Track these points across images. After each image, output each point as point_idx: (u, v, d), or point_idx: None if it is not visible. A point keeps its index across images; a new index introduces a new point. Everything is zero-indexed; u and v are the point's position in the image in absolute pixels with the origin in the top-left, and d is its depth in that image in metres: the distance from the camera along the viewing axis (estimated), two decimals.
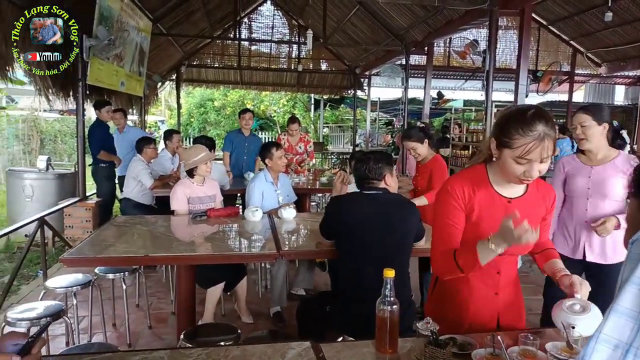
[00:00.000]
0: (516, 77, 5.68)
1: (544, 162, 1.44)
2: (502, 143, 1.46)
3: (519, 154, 1.42)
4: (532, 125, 1.40)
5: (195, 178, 3.64)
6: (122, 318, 3.62)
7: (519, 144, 1.41)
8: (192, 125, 21.19)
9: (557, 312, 1.42)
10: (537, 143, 1.40)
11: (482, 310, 1.64)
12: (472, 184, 1.58)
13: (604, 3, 7.63)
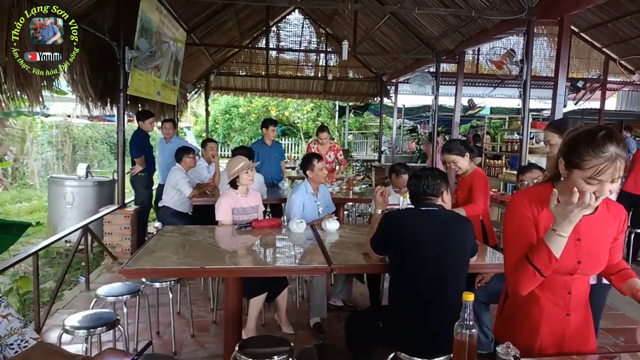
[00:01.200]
0: (554, 87, 5.61)
1: (615, 182, 1.43)
2: (572, 164, 1.46)
3: (590, 175, 1.42)
4: (603, 147, 1.40)
5: (239, 189, 3.69)
6: (165, 325, 3.69)
7: (590, 165, 1.41)
8: (217, 131, 21.46)
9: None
10: (609, 164, 1.39)
11: (553, 331, 1.63)
12: (539, 201, 1.58)
13: (639, 10, 7.49)
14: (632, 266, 5.40)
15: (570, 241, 1.54)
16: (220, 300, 4.04)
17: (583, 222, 1.55)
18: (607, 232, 1.63)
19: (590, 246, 1.58)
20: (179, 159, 5.05)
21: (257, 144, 6.07)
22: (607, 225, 1.62)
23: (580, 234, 1.56)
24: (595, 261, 1.61)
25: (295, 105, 20.11)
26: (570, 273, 1.59)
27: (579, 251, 1.56)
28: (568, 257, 1.55)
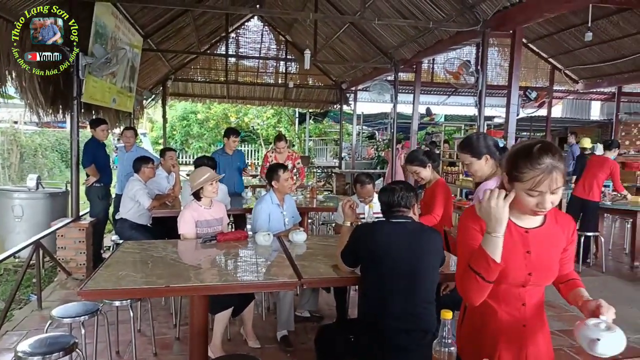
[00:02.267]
0: (508, 96, 5.84)
1: (555, 193, 1.50)
2: (513, 177, 1.53)
3: (529, 187, 1.48)
4: (539, 159, 1.47)
5: (203, 200, 3.61)
6: (125, 345, 3.55)
7: (528, 177, 1.48)
8: (174, 138, 20.99)
9: (581, 329, 1.42)
10: (546, 175, 1.46)
11: (511, 343, 1.65)
12: None
13: (583, 23, 7.93)
14: (582, 268, 5.67)
15: (519, 254, 1.60)
16: (183, 316, 3.93)
17: (532, 235, 1.62)
18: (556, 244, 1.67)
19: (541, 258, 1.62)
20: (137, 170, 4.88)
21: (218, 153, 5.96)
22: (556, 236, 1.67)
23: (529, 247, 1.61)
24: (546, 272, 1.65)
25: (255, 111, 19.97)
26: (522, 285, 1.62)
27: (529, 263, 1.60)
28: (519, 269, 1.60)
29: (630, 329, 4.07)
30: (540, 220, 1.65)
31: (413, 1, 6.86)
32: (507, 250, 1.58)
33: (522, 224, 1.63)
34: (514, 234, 1.61)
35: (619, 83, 10.60)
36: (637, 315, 4.39)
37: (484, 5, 5.90)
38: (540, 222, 1.65)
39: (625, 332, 1.40)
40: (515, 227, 1.62)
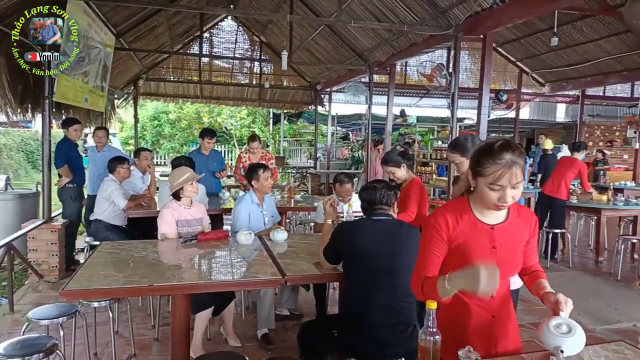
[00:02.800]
0: (479, 98, 6.01)
1: (516, 187, 1.59)
2: (476, 173, 1.63)
3: (491, 181, 1.58)
4: (500, 155, 1.57)
5: (183, 200, 3.60)
6: (102, 346, 3.51)
7: (490, 171, 1.58)
8: (145, 138, 20.62)
9: (543, 332, 1.51)
10: (506, 170, 1.56)
11: (482, 334, 1.72)
12: (456, 214, 1.71)
13: (549, 28, 8.23)
14: (550, 264, 5.87)
15: (486, 250, 1.68)
16: (162, 316, 3.90)
17: (497, 230, 1.70)
18: (520, 237, 1.76)
19: (506, 252, 1.70)
20: (112, 170, 4.81)
21: (194, 153, 5.93)
22: (519, 230, 1.75)
23: (495, 242, 1.69)
24: (512, 265, 1.75)
25: (229, 112, 19.83)
26: None
27: (495, 258, 1.68)
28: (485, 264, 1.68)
29: (596, 320, 4.29)
30: (504, 215, 1.73)
31: (388, 5, 6.99)
32: (474, 247, 1.68)
33: (487, 221, 1.71)
34: (479, 231, 1.69)
35: (582, 86, 11.03)
36: (602, 307, 4.61)
37: (456, 10, 6.07)
38: (504, 217, 1.73)
39: (592, 323, 1.51)
40: (481, 224, 1.70)
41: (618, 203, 6.33)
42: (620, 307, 4.63)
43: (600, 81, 10.47)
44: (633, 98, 11.67)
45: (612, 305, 4.70)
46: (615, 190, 7.32)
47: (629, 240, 6.10)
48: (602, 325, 4.16)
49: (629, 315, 4.41)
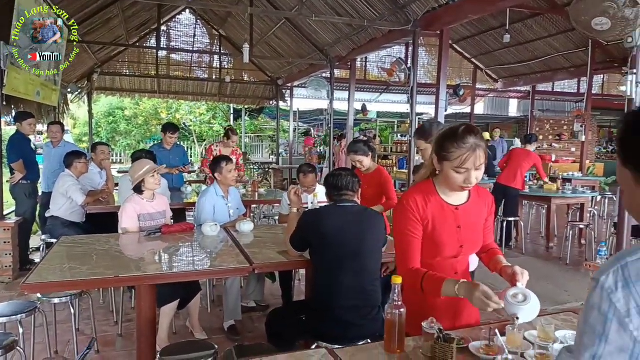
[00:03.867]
0: (437, 93, 6.20)
1: (479, 169, 1.69)
2: (442, 157, 1.71)
3: (457, 165, 1.66)
4: (464, 139, 1.65)
5: (145, 194, 3.54)
6: (63, 344, 3.42)
7: (455, 155, 1.66)
8: (99, 135, 19.91)
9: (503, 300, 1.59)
10: (471, 153, 1.65)
11: (447, 309, 1.81)
12: (424, 195, 1.79)
13: (502, 25, 8.57)
14: (505, 251, 6.12)
15: (452, 230, 1.77)
16: (125, 312, 3.84)
17: (461, 211, 1.80)
18: (480, 216, 1.87)
19: (469, 231, 1.81)
20: (69, 164, 4.66)
21: (155, 147, 5.83)
22: (479, 209, 1.86)
23: (459, 222, 1.79)
24: (474, 243, 1.85)
25: (188, 107, 19.43)
26: (455, 256, 1.81)
27: (460, 237, 1.78)
28: (452, 243, 1.78)
29: (548, 302, 4.54)
30: (466, 196, 1.83)
31: (348, 0, 7.07)
32: (441, 227, 1.76)
33: (452, 202, 1.80)
34: (446, 212, 1.78)
35: (533, 82, 11.53)
36: (553, 290, 4.88)
37: (414, 5, 6.22)
38: (466, 198, 1.83)
39: (544, 305, 1.61)
40: (447, 205, 1.79)
41: (567, 192, 6.69)
42: (570, 289, 4.93)
43: (549, 77, 10.99)
44: (579, 94, 12.28)
45: (562, 287, 4.99)
46: (564, 180, 7.71)
47: (576, 227, 6.46)
48: (553, 305, 4.41)
49: (577, 296, 4.70)
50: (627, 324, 0.76)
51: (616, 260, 0.82)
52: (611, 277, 0.79)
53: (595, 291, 0.80)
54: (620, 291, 0.78)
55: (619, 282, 0.79)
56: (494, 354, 1.50)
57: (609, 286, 0.79)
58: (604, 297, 0.79)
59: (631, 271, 0.79)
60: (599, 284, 0.80)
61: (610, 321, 0.77)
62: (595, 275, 0.83)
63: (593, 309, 0.80)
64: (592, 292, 0.81)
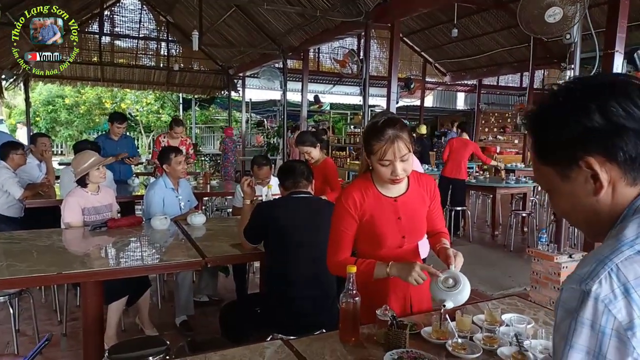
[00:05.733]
0: (388, 85, 6.29)
1: (404, 161, 1.71)
2: (368, 152, 1.75)
3: (379, 157, 1.69)
4: (382, 132, 1.68)
5: (89, 186, 3.38)
6: (2, 346, 3.23)
7: (376, 148, 1.69)
8: (38, 125, 18.82)
9: (431, 286, 1.64)
10: (389, 144, 1.67)
11: (398, 297, 1.85)
12: (361, 191, 1.83)
13: (450, 20, 8.80)
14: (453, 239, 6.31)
15: (392, 222, 1.81)
16: (69, 311, 3.67)
17: (400, 202, 1.82)
18: (421, 204, 1.88)
19: (410, 220, 1.84)
20: (4, 156, 4.38)
21: (102, 138, 5.59)
22: (420, 197, 1.88)
23: (399, 213, 1.82)
24: (417, 232, 1.88)
25: (134, 97, 18.71)
26: (399, 246, 1.84)
27: (401, 228, 1.82)
28: (393, 235, 1.81)
29: (494, 287, 4.75)
30: (405, 187, 1.85)
31: None
32: (380, 220, 1.80)
33: (390, 194, 1.83)
34: (384, 204, 1.81)
35: (479, 76, 11.95)
36: (498, 275, 5.11)
37: None
38: (405, 188, 1.85)
39: (490, 290, 1.67)
40: (385, 198, 1.82)
41: (510, 182, 7.00)
42: (514, 274, 5.17)
43: (495, 71, 11.42)
44: (522, 88, 12.87)
45: (506, 273, 5.23)
46: (507, 171, 8.07)
47: (519, 215, 6.78)
48: (498, 291, 4.61)
49: (520, 281, 4.94)
50: (628, 339, 0.63)
51: (598, 263, 0.68)
52: (605, 285, 0.65)
53: (587, 305, 0.65)
54: (621, 299, 0.64)
55: (616, 289, 0.65)
56: (445, 339, 1.55)
57: (606, 295, 0.65)
58: (599, 310, 0.64)
59: (627, 274, 0.66)
60: (590, 296, 0.65)
61: (609, 337, 0.64)
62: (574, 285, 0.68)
63: (582, 327, 0.65)
64: (580, 307, 0.66)
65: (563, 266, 3.50)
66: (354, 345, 1.54)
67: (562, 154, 0.76)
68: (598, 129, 0.72)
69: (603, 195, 0.75)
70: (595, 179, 0.74)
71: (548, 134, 0.78)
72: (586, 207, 0.77)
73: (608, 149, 0.72)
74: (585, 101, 0.73)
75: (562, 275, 3.48)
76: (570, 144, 0.75)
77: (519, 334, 1.48)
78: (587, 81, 0.77)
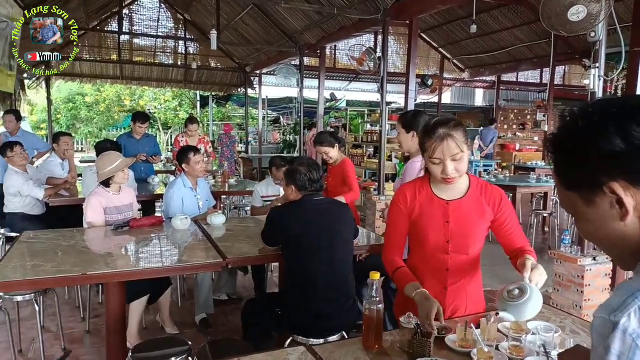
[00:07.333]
0: (406, 83, 6.23)
1: (455, 160, 1.69)
2: (422, 150, 1.77)
3: (430, 155, 1.71)
4: (434, 130, 1.70)
5: (112, 187, 3.42)
6: (28, 342, 3.31)
7: (427, 146, 1.72)
8: (59, 122, 19.18)
9: (498, 294, 1.62)
10: (439, 142, 1.68)
11: None
12: (415, 189, 1.86)
13: (469, 15, 8.67)
14: None
15: (440, 224, 1.78)
16: (92, 308, 3.73)
17: (452, 206, 1.78)
18: (477, 214, 1.79)
19: (459, 227, 1.78)
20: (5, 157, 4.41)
21: (124, 137, 5.66)
22: (478, 207, 1.79)
23: (449, 217, 1.78)
24: (465, 240, 1.78)
25: (153, 94, 18.91)
26: (444, 252, 1.79)
27: (447, 232, 1.77)
28: (437, 237, 1.78)
29: None
30: (463, 192, 1.81)
31: None
32: (427, 220, 1.79)
33: (444, 196, 1.80)
34: (435, 205, 1.80)
35: (498, 72, 11.78)
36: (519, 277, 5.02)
37: None
38: (462, 194, 1.81)
39: None
40: (438, 199, 1.80)
41: (531, 181, 6.88)
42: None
43: (514, 68, 11.24)
44: (542, 84, 12.64)
45: None
46: (527, 169, 7.93)
47: (540, 215, 6.67)
48: None
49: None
50: None
51: (629, 296, 0.69)
52: (634, 318, 0.66)
53: (616, 337, 0.67)
54: None
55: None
56: (469, 347, 1.53)
57: (634, 330, 0.66)
58: (627, 343, 0.66)
59: None
60: (619, 329, 0.67)
61: None
62: (605, 315, 0.70)
63: (612, 357, 0.67)
64: (610, 337, 0.68)
65: (587, 269, 3.43)
66: (377, 353, 1.53)
67: (585, 179, 0.74)
68: (620, 153, 0.70)
69: (630, 220, 0.72)
70: (620, 204, 0.72)
71: (569, 159, 0.76)
72: (614, 232, 0.75)
73: (631, 174, 0.70)
74: (605, 125, 0.71)
75: (586, 279, 3.42)
76: (593, 170, 0.73)
77: (546, 343, 1.46)
78: (607, 104, 0.74)
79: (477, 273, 1.91)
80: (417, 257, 1.84)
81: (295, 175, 2.54)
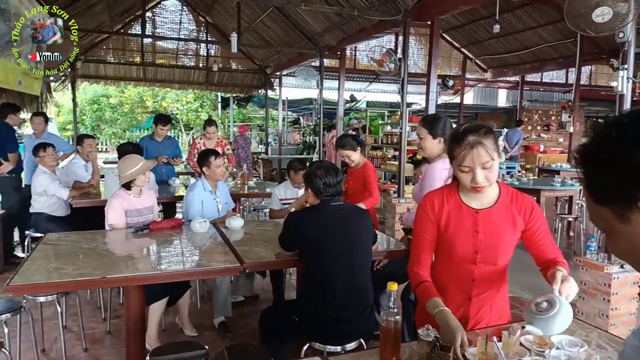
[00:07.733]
0: (427, 84, 6.14)
1: (485, 168, 1.63)
2: (451, 158, 1.72)
3: (459, 162, 1.66)
4: (463, 137, 1.65)
5: (132, 189, 3.46)
6: (50, 342, 3.37)
7: (456, 153, 1.67)
8: (84, 123, 19.60)
9: (525, 307, 1.55)
10: (469, 150, 1.63)
11: (456, 313, 1.71)
12: (443, 197, 1.80)
13: (491, 15, 8.52)
14: None
15: (468, 233, 1.72)
16: (113, 309, 3.78)
17: (482, 215, 1.72)
18: (507, 223, 1.73)
19: (488, 237, 1.72)
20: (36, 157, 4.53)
21: (146, 139, 5.72)
22: (509, 216, 1.73)
23: (478, 227, 1.72)
24: (494, 251, 1.72)
25: (174, 95, 19.17)
26: (472, 262, 1.74)
27: (475, 242, 1.72)
28: (465, 246, 1.72)
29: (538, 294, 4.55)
30: (492, 200, 1.75)
31: None
32: (455, 228, 1.73)
33: (473, 205, 1.75)
34: (464, 214, 1.74)
35: (522, 73, 11.56)
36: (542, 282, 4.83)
37: None
38: (492, 202, 1.75)
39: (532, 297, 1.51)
40: (467, 207, 1.75)
41: (555, 184, 6.72)
42: None
43: (538, 68, 11.01)
44: (567, 84, 12.35)
45: None
46: (551, 171, 7.75)
47: (565, 219, 6.51)
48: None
49: None
50: None
51: None
52: None
53: None
54: None
55: None
56: None
57: None
58: None
59: None
60: None
61: None
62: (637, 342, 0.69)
63: None
64: None
65: (614, 277, 3.32)
66: None
67: (618, 194, 0.69)
68: None
69: None
70: None
71: (601, 173, 0.71)
72: None
73: None
74: (638, 137, 0.66)
75: (613, 287, 3.31)
76: (626, 184, 0.67)
77: (570, 359, 1.40)
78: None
79: (504, 284, 1.86)
80: (442, 266, 1.79)
81: (311, 179, 2.53)
